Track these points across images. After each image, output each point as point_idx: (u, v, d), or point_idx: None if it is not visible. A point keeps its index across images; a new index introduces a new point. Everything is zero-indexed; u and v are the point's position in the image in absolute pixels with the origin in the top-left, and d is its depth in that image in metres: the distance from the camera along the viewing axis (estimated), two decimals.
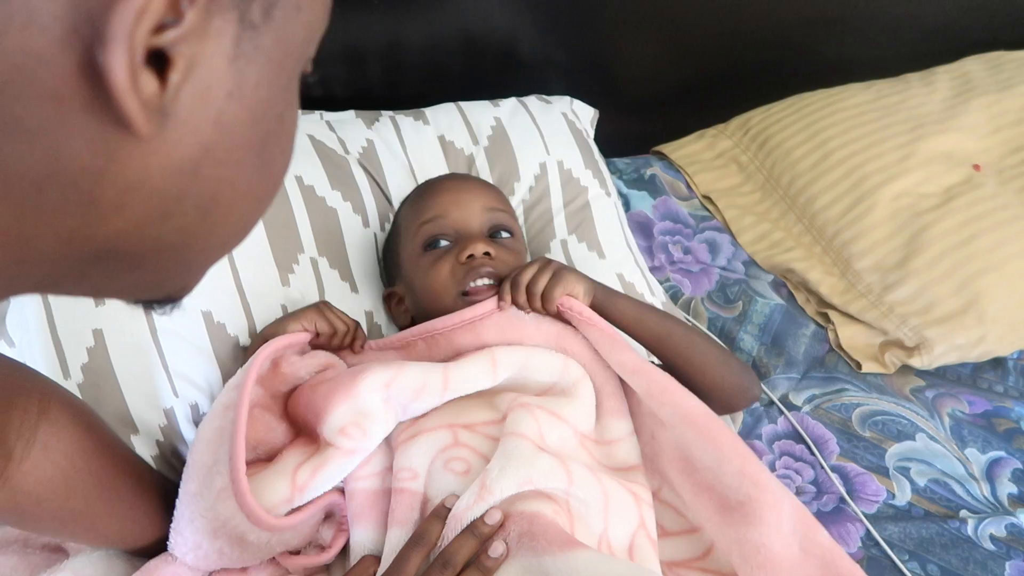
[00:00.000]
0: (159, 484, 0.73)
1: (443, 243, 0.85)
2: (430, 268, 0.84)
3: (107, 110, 0.23)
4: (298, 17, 0.28)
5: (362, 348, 0.83)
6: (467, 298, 0.81)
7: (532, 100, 1.22)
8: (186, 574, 0.68)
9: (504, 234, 0.88)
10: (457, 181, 0.93)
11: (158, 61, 0.24)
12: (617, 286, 1.04)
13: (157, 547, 0.70)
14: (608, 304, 0.82)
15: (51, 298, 0.82)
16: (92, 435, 0.63)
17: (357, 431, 0.69)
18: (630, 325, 0.82)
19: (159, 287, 0.33)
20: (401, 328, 0.93)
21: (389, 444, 0.75)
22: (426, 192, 0.91)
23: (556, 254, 1.07)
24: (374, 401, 0.71)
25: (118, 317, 0.82)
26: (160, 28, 0.23)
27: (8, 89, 0.22)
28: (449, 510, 0.66)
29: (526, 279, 0.79)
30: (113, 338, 0.82)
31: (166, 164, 0.26)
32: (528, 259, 0.96)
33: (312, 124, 1.09)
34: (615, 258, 1.08)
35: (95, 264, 0.28)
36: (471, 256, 0.82)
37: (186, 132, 0.26)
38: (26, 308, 0.83)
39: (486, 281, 0.82)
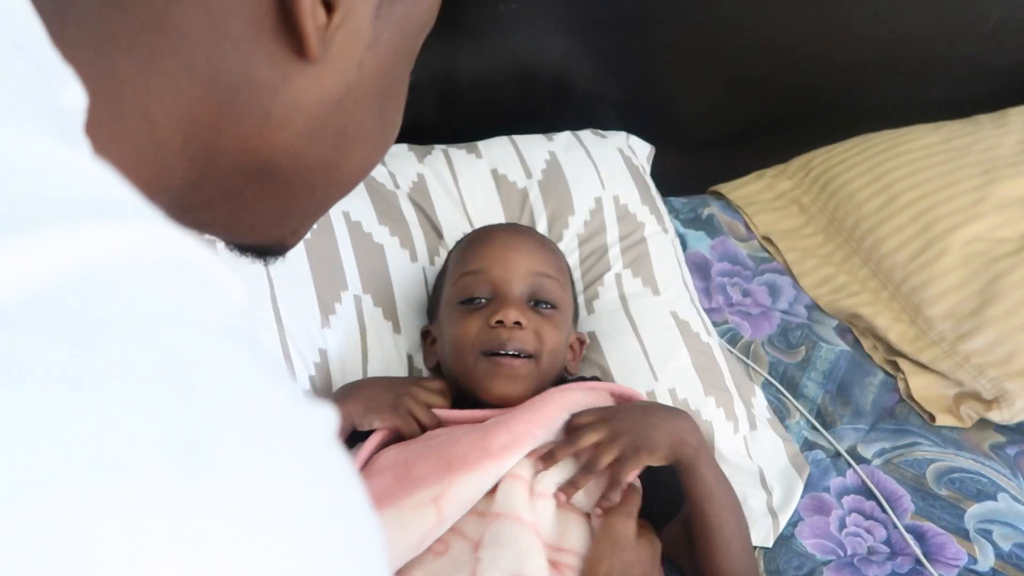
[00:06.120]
0: None
1: (479, 300, 0.83)
2: (459, 321, 0.82)
3: (289, 38, 0.30)
4: (419, 1, 0.35)
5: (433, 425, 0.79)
6: (489, 359, 0.79)
7: (587, 134, 1.21)
8: None
9: (545, 306, 0.84)
10: (510, 235, 0.89)
11: (325, 8, 0.30)
12: (671, 324, 1.01)
13: None
14: (693, 469, 0.73)
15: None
16: None
17: None
18: (699, 498, 0.74)
19: (282, 223, 0.39)
20: (429, 367, 0.93)
21: None
22: (476, 240, 0.89)
23: (609, 287, 1.04)
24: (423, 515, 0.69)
25: None
26: None
27: (228, 5, 0.29)
28: None
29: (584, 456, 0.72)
30: None
31: (321, 92, 0.32)
32: (573, 327, 0.92)
33: None
34: (670, 295, 1.05)
35: (252, 182, 0.34)
36: (500, 322, 0.79)
37: (337, 68, 0.32)
38: None
39: (510, 352, 0.80)
